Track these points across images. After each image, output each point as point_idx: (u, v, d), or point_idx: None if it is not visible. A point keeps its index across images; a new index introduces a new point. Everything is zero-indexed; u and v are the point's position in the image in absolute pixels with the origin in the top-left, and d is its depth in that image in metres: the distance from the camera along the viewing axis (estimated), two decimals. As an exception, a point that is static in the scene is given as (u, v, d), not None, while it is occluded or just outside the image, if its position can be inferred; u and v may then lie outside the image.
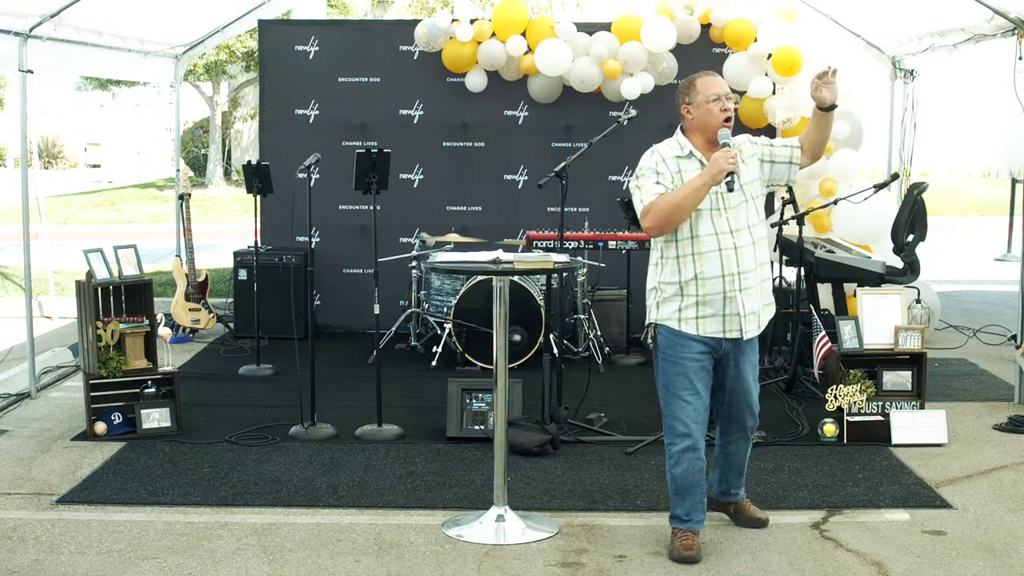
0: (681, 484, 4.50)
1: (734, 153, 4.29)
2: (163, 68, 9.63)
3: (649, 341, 4.54)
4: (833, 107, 4.36)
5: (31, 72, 7.06)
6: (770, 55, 8.74)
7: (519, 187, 9.40)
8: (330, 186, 8.93)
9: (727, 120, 4.38)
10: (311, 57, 9.40)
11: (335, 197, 9.15)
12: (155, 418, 6.29)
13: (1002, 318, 9.90)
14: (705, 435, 4.50)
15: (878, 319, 6.26)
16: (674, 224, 4.33)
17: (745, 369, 4.54)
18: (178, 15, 8.85)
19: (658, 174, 4.39)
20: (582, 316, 8.25)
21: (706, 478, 4.60)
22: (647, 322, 4.55)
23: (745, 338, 4.42)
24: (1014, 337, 8.15)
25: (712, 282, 4.35)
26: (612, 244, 8.02)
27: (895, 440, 6.07)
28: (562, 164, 6.22)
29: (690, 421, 4.44)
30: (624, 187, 9.29)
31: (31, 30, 7.02)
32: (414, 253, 8.56)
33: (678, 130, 4.53)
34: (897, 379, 6.25)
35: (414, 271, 8.54)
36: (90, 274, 6.30)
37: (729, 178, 4.26)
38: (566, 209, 6.52)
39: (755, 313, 4.43)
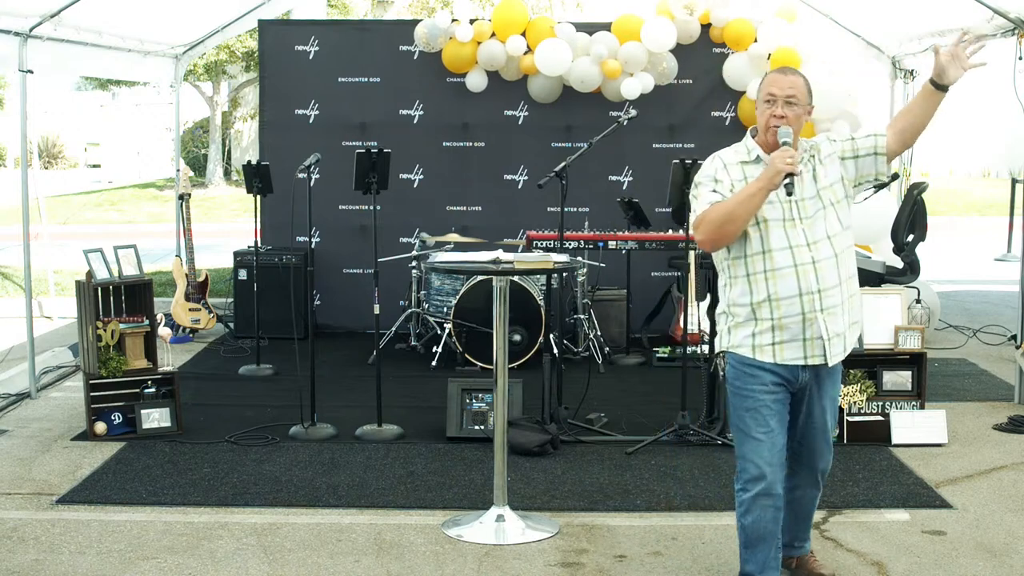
0: (753, 535, 3.92)
1: (793, 152, 3.75)
2: (163, 68, 9.64)
3: (721, 373, 4.14)
4: (947, 88, 3.73)
5: (31, 72, 7.06)
6: (770, 55, 8.74)
7: (519, 187, 9.40)
8: (330, 186, 8.93)
9: (776, 127, 3.85)
10: (311, 57, 9.40)
11: (335, 197, 9.15)
12: (155, 418, 6.29)
13: (1002, 318, 9.90)
14: (783, 477, 3.94)
15: (878, 319, 6.26)
16: (728, 237, 3.81)
17: (823, 405, 3.98)
18: (178, 15, 8.85)
19: (716, 182, 3.90)
20: (582, 316, 8.25)
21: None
22: (717, 350, 4.09)
23: (830, 363, 3.86)
24: (1014, 337, 8.15)
25: (788, 303, 3.79)
26: (612, 244, 8.02)
27: (895, 440, 6.07)
28: (562, 164, 6.22)
29: (763, 463, 3.85)
30: (624, 187, 9.30)
31: (31, 30, 7.02)
32: (414, 253, 8.55)
33: (748, 132, 4.07)
34: (897, 379, 6.25)
35: (414, 271, 8.54)
36: (90, 274, 6.30)
37: (788, 180, 3.72)
38: (566, 209, 6.52)
39: (840, 335, 3.86)
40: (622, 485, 5.44)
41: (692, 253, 6.72)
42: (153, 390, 6.34)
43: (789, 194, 3.76)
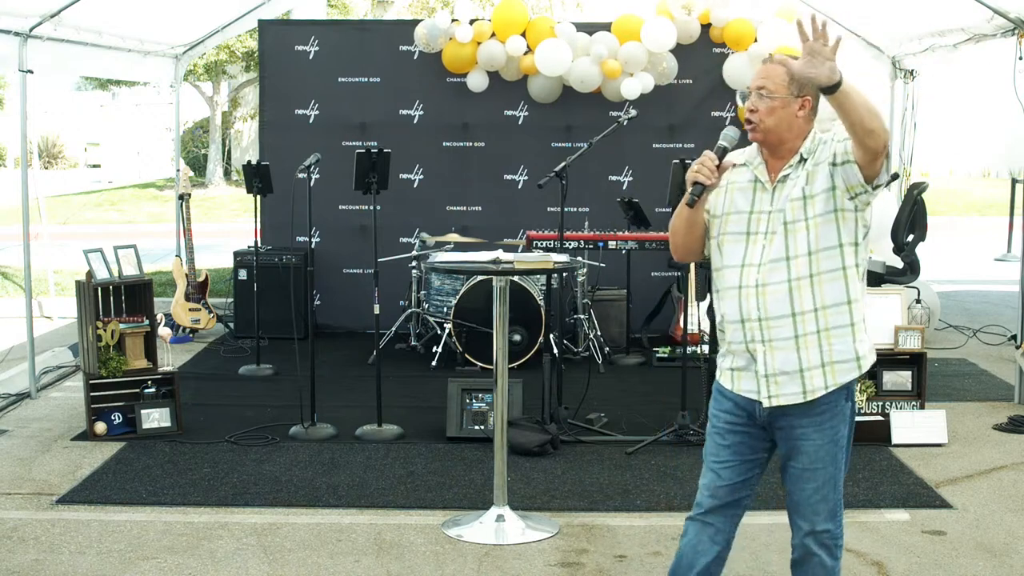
0: (676, 560, 3.47)
1: (711, 159, 3.25)
2: (163, 68, 9.64)
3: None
4: (838, 85, 3.03)
5: (31, 72, 7.06)
6: (770, 55, 8.73)
7: (519, 187, 9.40)
8: (330, 186, 8.93)
9: (748, 124, 3.33)
10: (311, 57, 9.40)
11: (335, 197, 9.15)
12: (155, 418, 6.29)
13: (1002, 318, 9.90)
14: (731, 522, 3.45)
15: (878, 319, 6.26)
16: (680, 249, 3.48)
17: (799, 448, 3.33)
18: (178, 15, 8.85)
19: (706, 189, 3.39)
20: (582, 316, 8.25)
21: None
22: None
23: (767, 405, 3.27)
24: (1014, 337, 8.15)
25: (733, 328, 3.32)
26: (612, 244, 8.02)
27: (895, 440, 6.07)
28: (562, 164, 6.22)
29: (705, 494, 3.40)
30: (624, 187, 9.30)
31: (31, 30, 7.02)
32: (414, 253, 8.56)
33: None
34: (897, 379, 6.25)
35: (414, 271, 8.54)
36: (90, 274, 6.30)
37: (692, 189, 3.26)
38: (566, 209, 6.52)
39: (792, 374, 3.24)
40: (622, 485, 5.44)
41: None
42: (153, 390, 6.34)
43: (689, 205, 3.29)
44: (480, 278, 7.75)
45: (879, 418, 6.15)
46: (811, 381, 3.24)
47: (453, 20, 9.06)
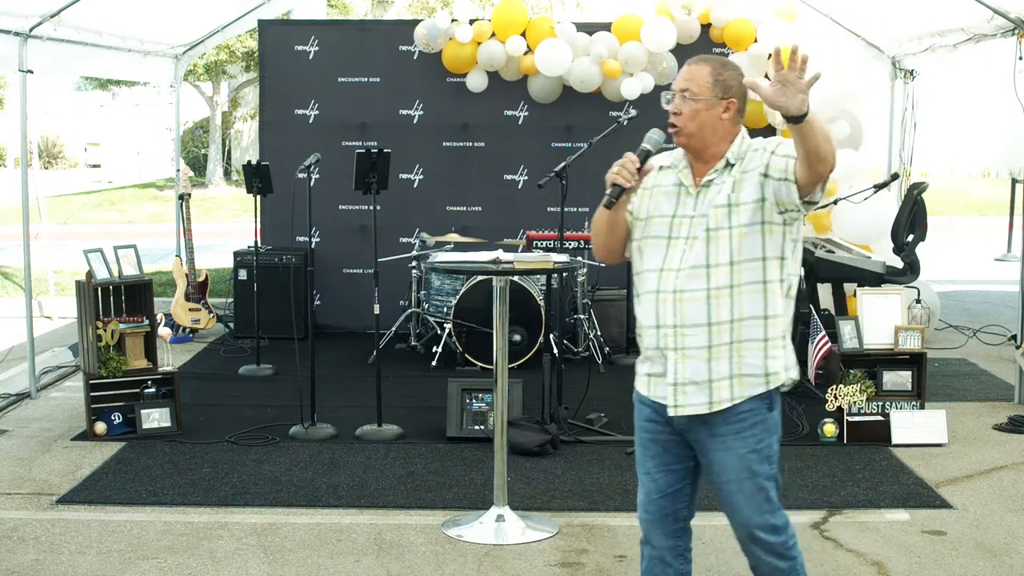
0: None
1: (632, 161, 3.20)
2: (163, 68, 9.64)
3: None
4: (803, 116, 2.91)
5: (31, 72, 7.07)
6: (770, 55, 8.74)
7: (519, 187, 9.40)
8: (330, 186, 8.93)
9: (671, 126, 3.31)
10: (311, 57, 9.40)
11: (335, 197, 9.15)
12: (155, 418, 6.29)
13: (1002, 318, 9.90)
14: (676, 547, 3.36)
15: (878, 319, 6.26)
16: (601, 250, 3.37)
17: (718, 458, 3.20)
18: (178, 15, 8.85)
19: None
20: (582, 316, 8.25)
21: None
22: None
23: (672, 413, 3.17)
24: (1014, 337, 8.15)
25: (649, 333, 3.22)
26: (612, 244, 7.99)
27: (895, 440, 6.07)
28: (562, 164, 6.22)
29: (640, 512, 3.34)
30: (624, 187, 9.27)
31: (31, 30, 7.02)
32: (414, 253, 8.55)
33: None
34: (897, 379, 6.25)
35: (414, 271, 8.54)
36: (90, 274, 6.30)
37: (610, 190, 3.20)
38: (566, 209, 6.52)
39: (701, 384, 3.14)
40: (622, 485, 5.44)
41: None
42: (153, 390, 6.34)
43: (607, 207, 3.21)
44: (480, 278, 7.75)
45: (879, 418, 6.15)
46: (718, 392, 3.14)
47: (453, 20, 9.07)
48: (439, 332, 8.19)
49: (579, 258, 8.31)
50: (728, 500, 3.24)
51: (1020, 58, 6.92)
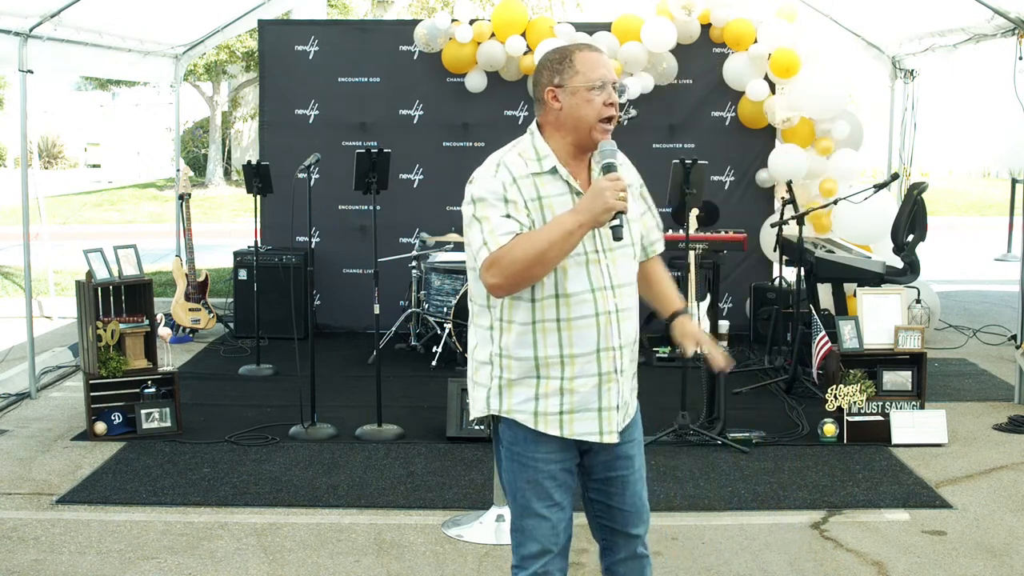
0: None
1: (624, 183, 2.88)
2: (163, 68, 9.64)
3: (486, 430, 3.23)
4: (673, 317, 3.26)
5: (31, 72, 7.07)
6: (770, 55, 8.74)
7: (519, 187, 9.38)
8: (330, 186, 8.93)
9: (609, 120, 2.98)
10: (311, 57, 9.40)
11: (335, 197, 9.15)
12: (155, 418, 6.29)
13: (1002, 318, 9.90)
14: (569, 546, 3.15)
15: (878, 319, 6.27)
16: (532, 281, 2.90)
17: (633, 458, 3.17)
18: (178, 15, 8.85)
19: (507, 202, 2.90)
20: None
21: None
22: (481, 412, 3.07)
23: (611, 438, 3.05)
24: (1014, 337, 8.15)
25: (585, 361, 2.97)
26: (612, 244, 8.00)
27: (895, 440, 6.07)
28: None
29: (548, 541, 3.04)
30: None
31: (31, 30, 7.02)
32: (414, 253, 8.56)
33: (533, 129, 3.05)
34: (897, 379, 6.25)
35: (414, 271, 8.54)
36: (90, 274, 6.30)
37: (616, 220, 2.86)
38: (566, 209, 6.51)
39: (627, 404, 3.13)
40: (622, 485, 5.43)
41: (692, 253, 6.71)
42: (153, 390, 6.34)
43: (618, 238, 2.88)
44: (480, 278, 7.74)
45: (879, 418, 6.15)
46: (634, 401, 3.19)
47: (453, 20, 9.07)
48: (439, 332, 8.19)
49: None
50: (634, 496, 3.15)
51: (1020, 58, 6.92)
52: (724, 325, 8.36)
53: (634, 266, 3.10)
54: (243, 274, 9.05)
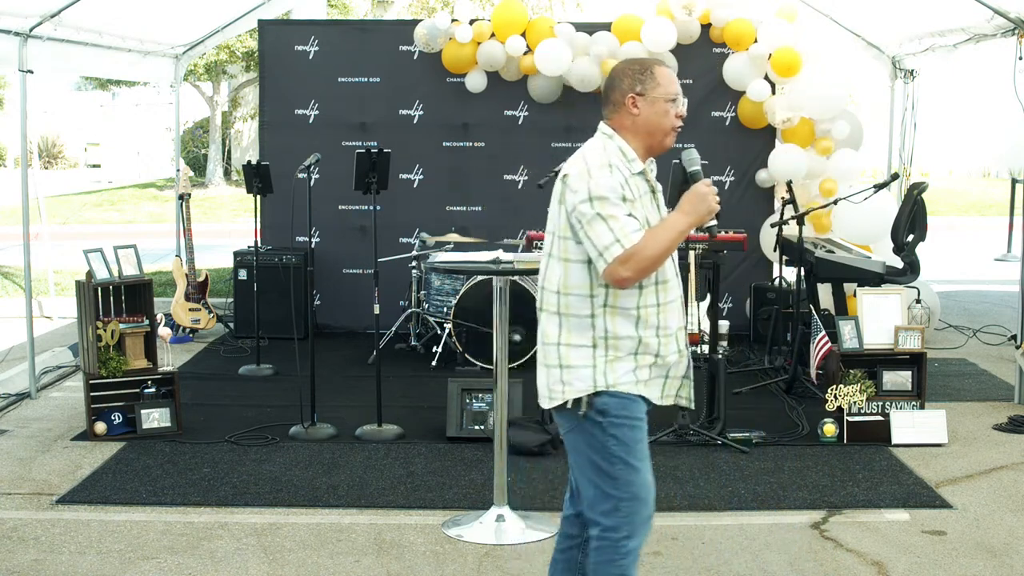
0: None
1: (709, 182, 3.37)
2: (163, 68, 9.64)
3: (583, 412, 3.36)
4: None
5: (31, 72, 7.07)
6: (770, 55, 8.74)
7: (519, 187, 9.40)
8: (330, 186, 8.93)
9: (675, 130, 3.40)
10: (311, 57, 9.40)
11: (335, 197, 9.15)
12: (155, 418, 6.29)
13: (1002, 318, 9.90)
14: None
15: (878, 319, 6.26)
16: (651, 273, 3.28)
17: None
18: (178, 15, 8.85)
19: (625, 201, 3.23)
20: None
21: None
22: (585, 390, 3.33)
23: (688, 403, 3.58)
24: (1014, 337, 8.15)
25: (672, 339, 3.39)
26: (612, 244, 7.99)
27: (895, 440, 6.07)
28: (562, 164, 6.20)
29: (652, 504, 3.58)
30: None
31: (31, 30, 7.02)
32: (414, 253, 8.55)
33: (609, 131, 3.40)
34: (897, 379, 6.25)
35: (414, 271, 8.54)
36: (90, 274, 6.30)
37: (714, 221, 3.33)
38: (566, 209, 6.50)
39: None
40: (622, 485, 5.43)
41: (692, 253, 6.71)
42: (153, 390, 6.34)
43: (714, 236, 3.35)
44: (480, 278, 7.75)
45: (879, 418, 6.15)
46: None
47: (453, 20, 9.06)
48: (439, 332, 8.19)
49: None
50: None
51: (1020, 58, 6.92)
52: (724, 325, 8.36)
53: None
54: (243, 274, 9.05)
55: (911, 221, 7.52)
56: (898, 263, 7.58)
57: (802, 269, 7.45)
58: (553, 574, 3.68)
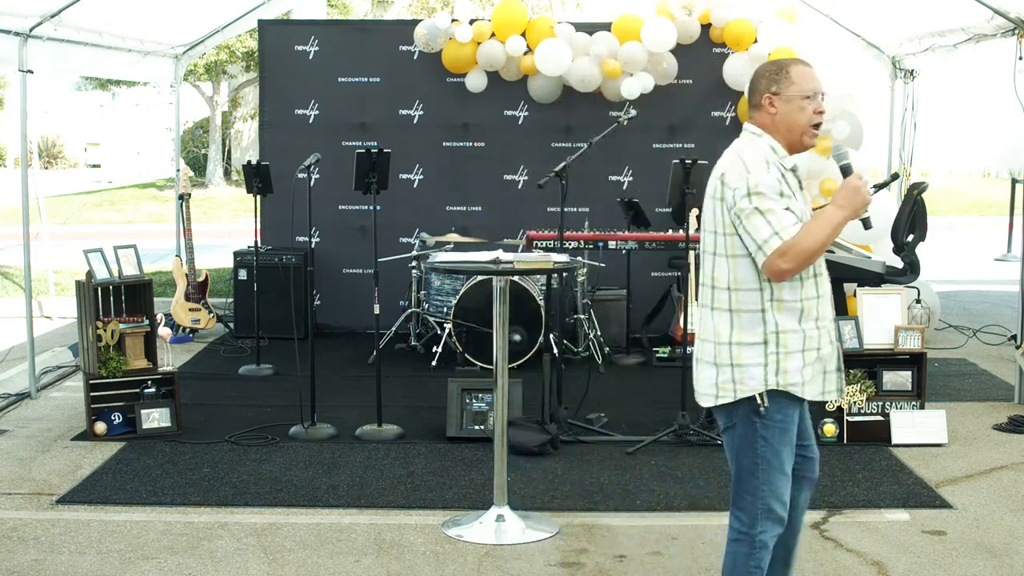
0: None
1: (860, 175, 3.41)
2: (163, 68, 9.64)
3: (759, 407, 3.39)
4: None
5: (31, 72, 7.07)
6: (770, 55, 8.74)
7: (519, 187, 9.40)
8: (330, 186, 8.93)
9: (817, 127, 3.45)
10: (311, 57, 9.40)
11: (335, 197, 9.15)
12: (155, 418, 6.29)
13: (1002, 318, 9.90)
14: None
15: (878, 319, 6.26)
16: (809, 265, 3.38)
17: (809, 427, 3.74)
18: (178, 15, 8.85)
19: (782, 196, 3.33)
20: (582, 316, 8.25)
21: None
22: (758, 389, 3.38)
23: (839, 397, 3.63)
24: (1014, 337, 8.15)
25: (828, 330, 3.48)
26: (612, 244, 8.02)
27: (895, 440, 6.07)
28: (562, 164, 6.22)
29: (782, 504, 3.50)
30: (624, 187, 9.28)
31: (31, 30, 7.02)
32: (414, 253, 8.56)
33: (757, 130, 3.48)
34: (897, 379, 6.25)
35: (414, 271, 8.54)
36: (90, 274, 6.30)
37: (867, 213, 3.40)
38: (566, 209, 6.52)
39: None
40: (622, 485, 5.44)
41: (692, 253, 6.71)
42: (153, 390, 6.34)
43: (869, 227, 3.45)
44: (480, 278, 7.75)
45: (879, 418, 6.15)
46: None
47: (453, 20, 9.06)
48: (439, 332, 8.19)
49: (579, 258, 8.32)
50: (812, 473, 3.64)
51: (1020, 58, 6.92)
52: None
53: None
54: (243, 274, 9.05)
55: (911, 221, 7.52)
56: (898, 263, 7.58)
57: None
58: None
